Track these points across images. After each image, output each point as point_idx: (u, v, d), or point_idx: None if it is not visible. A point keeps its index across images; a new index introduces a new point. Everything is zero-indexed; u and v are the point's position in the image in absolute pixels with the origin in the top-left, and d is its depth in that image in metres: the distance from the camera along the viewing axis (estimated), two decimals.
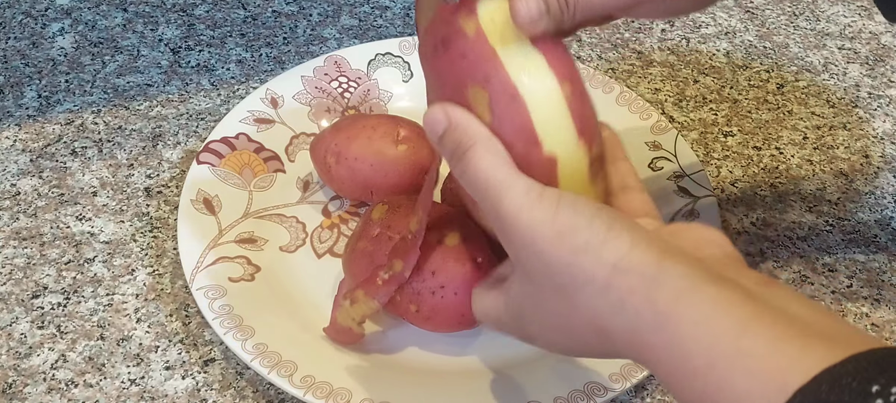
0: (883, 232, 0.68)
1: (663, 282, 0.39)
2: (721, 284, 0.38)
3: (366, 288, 0.55)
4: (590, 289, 0.40)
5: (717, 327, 0.37)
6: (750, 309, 0.37)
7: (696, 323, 0.37)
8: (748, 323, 0.36)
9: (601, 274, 0.40)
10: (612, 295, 0.40)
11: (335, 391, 0.54)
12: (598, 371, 0.56)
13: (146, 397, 0.56)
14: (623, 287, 0.39)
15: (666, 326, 0.38)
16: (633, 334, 0.39)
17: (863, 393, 0.32)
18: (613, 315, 0.40)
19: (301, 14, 0.83)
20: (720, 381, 0.36)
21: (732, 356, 0.36)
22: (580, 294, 0.41)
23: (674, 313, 0.38)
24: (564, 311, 0.42)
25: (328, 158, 0.64)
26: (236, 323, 0.57)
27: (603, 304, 0.40)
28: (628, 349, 0.40)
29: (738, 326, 0.36)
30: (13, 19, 0.81)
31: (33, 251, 0.64)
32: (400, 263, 0.54)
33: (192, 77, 0.77)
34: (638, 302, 0.39)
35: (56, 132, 0.72)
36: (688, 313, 0.37)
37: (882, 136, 0.75)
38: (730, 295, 0.37)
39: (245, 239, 0.63)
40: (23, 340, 0.59)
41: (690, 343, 0.37)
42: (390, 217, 0.58)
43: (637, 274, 0.39)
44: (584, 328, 0.42)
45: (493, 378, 0.57)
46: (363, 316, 0.56)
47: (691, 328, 0.37)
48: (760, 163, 0.72)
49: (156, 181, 0.69)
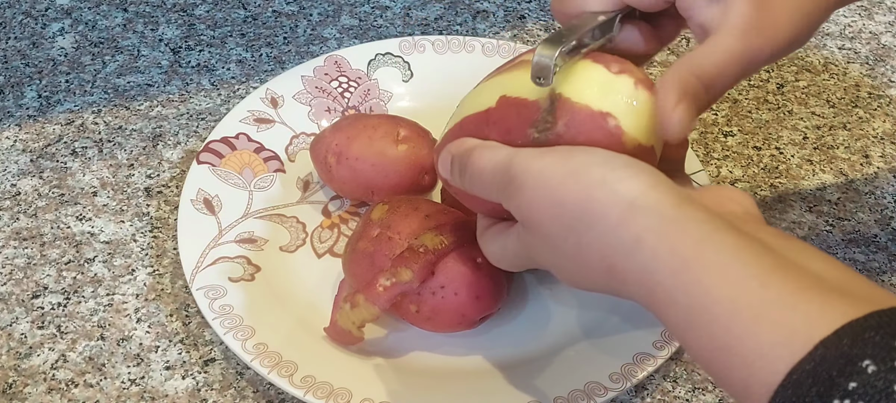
0: (883, 232, 0.68)
1: (684, 225, 0.38)
2: (741, 235, 0.37)
3: (366, 293, 0.55)
4: (602, 226, 0.39)
5: (741, 275, 0.36)
6: (771, 261, 0.36)
7: (719, 268, 0.36)
8: (771, 274, 0.36)
9: (616, 211, 0.39)
10: (626, 232, 0.39)
11: (335, 391, 0.54)
12: (598, 371, 0.56)
13: (146, 397, 0.56)
14: (639, 225, 0.38)
15: (686, 270, 0.37)
16: (647, 275, 0.38)
17: (885, 347, 0.32)
18: (627, 254, 0.39)
19: (301, 14, 0.83)
20: (744, 330, 0.35)
21: (756, 305, 0.35)
22: (591, 231, 0.40)
23: (695, 257, 0.37)
24: (575, 252, 0.41)
25: (328, 158, 0.64)
26: (236, 323, 0.57)
27: (616, 242, 0.39)
28: (640, 289, 0.39)
29: (761, 276, 0.36)
30: (13, 19, 0.81)
31: (33, 251, 0.64)
32: (408, 273, 0.54)
33: (192, 77, 0.77)
34: (655, 243, 0.38)
35: (56, 132, 0.72)
36: (711, 258, 0.37)
37: (882, 136, 0.75)
38: (750, 245, 0.37)
39: (245, 239, 0.63)
40: (23, 340, 0.59)
41: (713, 290, 0.36)
42: (390, 217, 0.58)
43: (656, 214, 0.38)
44: (595, 266, 0.41)
45: (493, 379, 0.57)
46: (363, 320, 0.56)
47: (714, 274, 0.36)
48: (760, 163, 0.72)
49: (156, 181, 0.69)
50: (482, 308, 0.57)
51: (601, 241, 0.40)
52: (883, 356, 0.32)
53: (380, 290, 0.55)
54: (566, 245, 0.42)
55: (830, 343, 0.33)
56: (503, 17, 0.84)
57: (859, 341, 0.33)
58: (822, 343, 0.33)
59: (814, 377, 0.33)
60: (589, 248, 0.40)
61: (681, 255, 0.37)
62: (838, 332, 0.33)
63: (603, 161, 0.41)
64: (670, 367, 0.59)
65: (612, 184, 0.40)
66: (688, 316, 0.37)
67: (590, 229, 0.40)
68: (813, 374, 0.33)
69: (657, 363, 0.56)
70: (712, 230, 0.38)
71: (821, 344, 0.33)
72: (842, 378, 0.32)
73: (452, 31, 0.82)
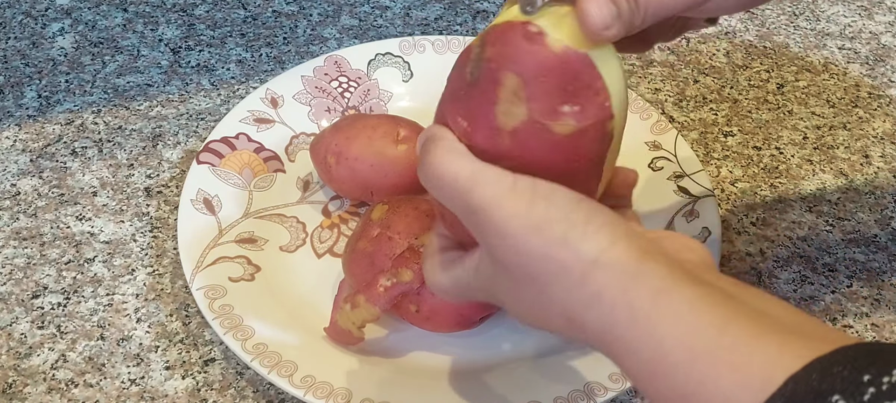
0: (883, 232, 0.68)
1: (642, 280, 0.38)
2: (699, 285, 0.38)
3: (367, 293, 0.55)
4: (565, 281, 0.40)
5: (698, 324, 0.36)
6: (730, 308, 0.37)
7: (675, 320, 0.37)
8: (729, 320, 0.36)
9: (577, 269, 0.39)
10: (587, 288, 0.39)
11: (335, 391, 0.54)
12: (598, 371, 0.56)
13: (146, 397, 0.56)
14: (600, 281, 0.39)
15: (642, 322, 0.37)
16: (605, 328, 0.39)
17: (854, 382, 0.32)
18: (586, 308, 0.39)
19: (301, 14, 0.83)
20: (704, 375, 0.35)
21: (714, 350, 0.35)
22: (554, 285, 0.40)
23: (652, 311, 0.37)
24: (535, 299, 0.42)
25: (328, 158, 0.64)
26: (236, 322, 0.57)
27: (576, 296, 0.39)
28: (599, 341, 0.40)
29: (719, 322, 0.36)
30: (13, 19, 0.81)
31: (33, 251, 0.64)
32: (409, 273, 0.54)
33: (192, 77, 0.77)
34: (614, 298, 0.38)
35: (56, 132, 0.72)
36: (667, 310, 0.37)
37: (882, 136, 0.75)
38: (709, 294, 0.37)
39: (245, 239, 0.63)
40: (23, 340, 0.59)
41: (669, 340, 0.37)
42: (390, 217, 0.58)
43: (616, 271, 0.39)
44: (555, 315, 0.41)
45: (493, 379, 0.57)
46: (363, 321, 0.56)
47: (670, 325, 0.37)
48: (760, 163, 0.72)
49: (156, 181, 0.69)
50: (482, 307, 0.57)
51: (562, 295, 0.40)
52: (852, 391, 0.32)
53: (380, 291, 0.55)
54: (528, 291, 0.42)
55: (800, 378, 0.33)
56: None
57: (828, 376, 0.33)
58: (792, 378, 0.33)
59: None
60: (550, 300, 0.41)
61: (638, 308, 0.38)
62: (807, 368, 0.33)
63: (564, 216, 0.40)
64: None
65: (575, 243, 0.40)
66: (648, 366, 0.37)
67: (551, 284, 0.40)
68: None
69: None
70: (671, 282, 0.38)
71: (791, 380, 0.33)
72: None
73: (452, 31, 0.82)
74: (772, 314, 0.37)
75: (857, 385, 0.32)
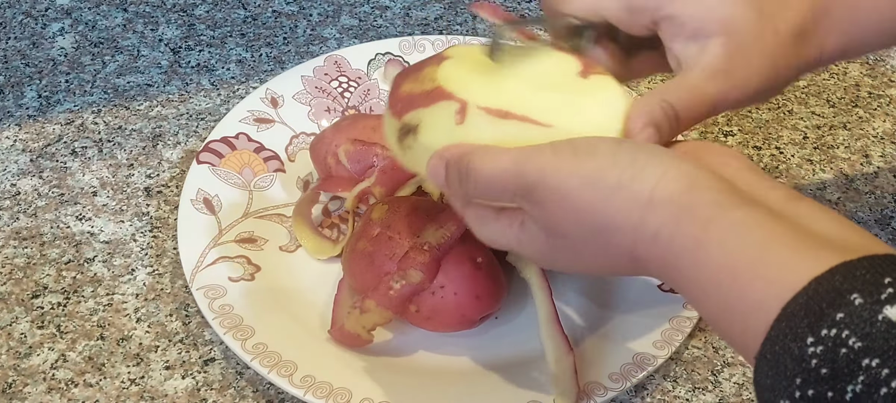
0: (883, 232, 0.68)
1: (693, 212, 0.41)
2: (747, 207, 0.40)
3: (378, 298, 0.55)
4: (626, 227, 0.42)
5: (742, 244, 0.39)
6: (773, 228, 0.39)
7: (721, 244, 0.39)
8: (771, 240, 0.39)
9: (636, 211, 0.42)
10: (646, 228, 0.41)
11: (335, 391, 0.54)
12: (598, 371, 0.56)
13: (146, 397, 0.56)
14: (657, 220, 0.41)
15: (696, 251, 0.40)
16: (664, 260, 0.41)
17: (873, 283, 0.34)
18: (647, 246, 0.42)
19: (301, 14, 0.83)
20: (742, 288, 0.38)
21: (753, 267, 0.38)
22: (617, 234, 0.42)
23: (703, 239, 0.40)
24: (600, 251, 0.44)
25: (328, 159, 0.64)
26: (236, 322, 0.57)
27: (638, 238, 0.42)
28: (661, 272, 0.43)
29: (761, 242, 0.39)
30: (13, 19, 0.81)
31: (33, 251, 0.64)
32: (418, 274, 0.54)
33: (192, 77, 0.77)
34: (671, 233, 0.41)
35: (56, 132, 0.72)
36: (715, 237, 0.40)
37: (882, 136, 0.75)
38: (755, 216, 0.40)
39: (245, 238, 0.63)
40: (23, 340, 0.59)
41: (716, 262, 0.39)
42: (390, 217, 0.58)
43: (669, 206, 0.41)
44: (620, 261, 0.44)
45: (493, 379, 0.57)
46: (374, 324, 0.56)
47: (717, 251, 0.39)
48: (761, 162, 0.72)
49: (156, 181, 0.69)
50: (482, 307, 0.57)
51: (626, 240, 0.42)
52: (870, 290, 0.34)
53: (392, 294, 0.55)
54: (593, 246, 0.44)
55: (823, 279, 0.35)
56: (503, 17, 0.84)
57: (849, 277, 0.35)
58: (815, 279, 0.35)
59: (806, 309, 0.35)
60: (617, 247, 0.43)
61: (691, 237, 0.40)
62: (831, 270, 0.35)
63: (612, 162, 0.42)
64: (670, 367, 0.59)
65: (628, 186, 0.42)
66: (701, 289, 0.40)
67: (615, 232, 0.43)
68: (805, 306, 0.35)
69: (657, 363, 0.56)
70: (719, 210, 0.40)
71: (814, 281, 0.35)
72: (831, 308, 0.34)
73: (452, 31, 0.82)
74: (818, 229, 0.39)
75: (876, 285, 0.34)
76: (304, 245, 0.63)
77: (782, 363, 0.35)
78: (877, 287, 0.34)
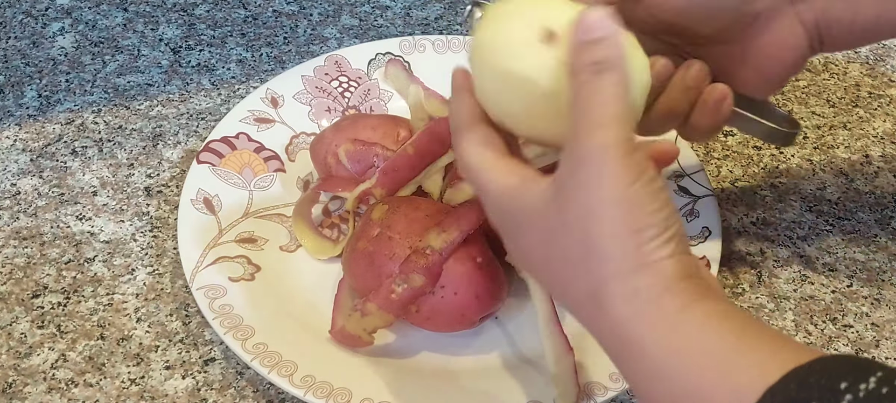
0: (883, 231, 0.68)
1: (676, 293, 0.40)
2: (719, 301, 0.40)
3: (379, 301, 0.55)
4: (615, 266, 0.40)
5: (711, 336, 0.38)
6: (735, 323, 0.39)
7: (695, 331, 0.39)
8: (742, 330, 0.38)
9: (636, 262, 0.40)
10: (631, 283, 0.40)
11: (335, 391, 0.54)
12: (598, 371, 0.56)
13: (146, 397, 0.56)
14: (646, 282, 0.40)
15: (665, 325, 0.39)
16: (629, 322, 0.40)
17: (831, 390, 0.33)
18: (619, 299, 0.40)
19: (301, 14, 0.83)
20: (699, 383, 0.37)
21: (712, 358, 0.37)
22: (604, 263, 0.41)
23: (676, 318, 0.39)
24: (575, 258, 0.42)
25: (328, 159, 0.64)
26: (236, 322, 0.57)
27: (617, 284, 0.40)
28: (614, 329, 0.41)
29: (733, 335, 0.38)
30: (13, 19, 0.81)
31: (33, 250, 0.64)
32: (420, 278, 0.54)
33: (192, 77, 0.77)
34: (649, 298, 0.40)
35: (56, 132, 0.72)
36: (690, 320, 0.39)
37: (882, 136, 0.75)
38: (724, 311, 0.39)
39: (245, 238, 0.63)
40: (23, 340, 0.59)
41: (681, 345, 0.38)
42: (390, 217, 0.58)
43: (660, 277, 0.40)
44: (580, 285, 0.42)
45: (492, 379, 0.57)
46: (376, 327, 0.56)
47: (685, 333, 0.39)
48: (761, 162, 0.72)
49: (156, 181, 0.69)
50: (482, 307, 0.57)
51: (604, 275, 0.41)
52: (829, 398, 0.33)
53: (393, 298, 0.55)
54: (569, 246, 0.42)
55: (778, 390, 0.34)
56: None
57: (805, 387, 0.34)
58: (769, 390, 0.34)
59: None
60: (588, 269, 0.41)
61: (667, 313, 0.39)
62: (785, 379, 0.34)
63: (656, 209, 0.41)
64: None
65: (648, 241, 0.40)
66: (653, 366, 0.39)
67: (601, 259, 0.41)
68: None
69: None
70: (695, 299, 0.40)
71: (768, 392, 0.34)
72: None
73: (452, 30, 0.82)
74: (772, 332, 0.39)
75: (834, 392, 0.33)
76: (304, 245, 0.63)
77: None
78: (834, 395, 0.33)
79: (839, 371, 0.34)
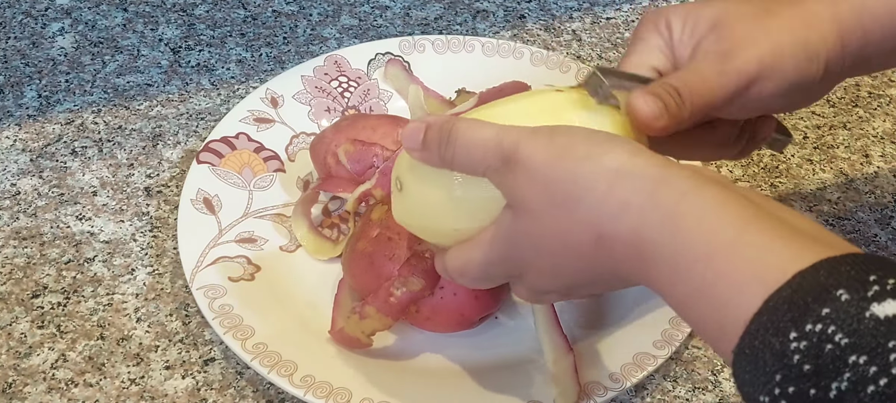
0: (883, 231, 0.68)
1: (669, 183, 0.40)
2: (724, 188, 0.39)
3: (378, 304, 0.55)
4: (591, 197, 0.41)
5: (720, 221, 0.38)
6: (751, 211, 0.38)
7: (700, 217, 0.38)
8: (750, 220, 0.38)
9: (603, 180, 0.41)
10: (614, 198, 0.40)
11: (335, 391, 0.54)
12: (597, 371, 0.56)
13: (146, 396, 0.56)
14: (627, 188, 0.40)
15: (670, 221, 0.39)
16: (635, 233, 0.40)
17: (859, 279, 0.34)
18: (615, 219, 0.40)
19: (301, 14, 0.83)
20: (719, 269, 0.37)
21: (733, 247, 0.37)
22: (581, 204, 0.41)
23: (679, 209, 0.39)
24: (563, 228, 0.42)
25: (328, 159, 0.64)
26: (236, 322, 0.57)
27: (605, 210, 0.41)
28: (628, 250, 0.41)
29: (740, 222, 0.38)
30: (13, 19, 0.81)
31: (33, 250, 0.64)
32: (419, 281, 0.54)
33: (192, 77, 0.77)
34: (642, 201, 0.40)
35: (56, 132, 0.72)
36: (692, 209, 0.39)
37: (882, 136, 0.75)
38: (732, 197, 0.39)
39: (245, 238, 0.63)
40: (23, 340, 0.59)
41: (694, 235, 0.38)
42: (389, 217, 0.58)
43: (641, 177, 0.40)
44: (582, 241, 0.42)
45: (493, 379, 0.57)
46: (374, 330, 0.56)
47: (695, 222, 0.38)
48: (760, 162, 0.72)
49: (156, 181, 0.69)
50: (481, 308, 0.57)
51: (590, 213, 0.41)
52: (856, 286, 0.33)
53: (393, 302, 0.55)
54: (555, 224, 0.43)
55: (808, 274, 0.35)
56: (503, 16, 0.84)
57: (835, 273, 0.34)
58: (799, 273, 0.35)
59: (790, 303, 0.34)
60: (579, 224, 0.42)
61: (667, 208, 0.39)
62: (816, 265, 0.35)
63: (585, 138, 0.43)
64: (670, 367, 0.59)
65: (597, 158, 0.41)
66: (671, 267, 0.39)
67: (579, 203, 0.41)
68: (789, 300, 0.34)
69: (657, 363, 0.56)
70: (696, 184, 0.39)
71: (798, 275, 0.35)
72: (816, 303, 0.34)
73: (452, 30, 0.82)
74: (792, 222, 0.38)
75: (862, 282, 0.34)
76: (304, 245, 0.63)
77: (762, 358, 0.34)
78: (863, 283, 0.34)
79: (870, 266, 0.34)
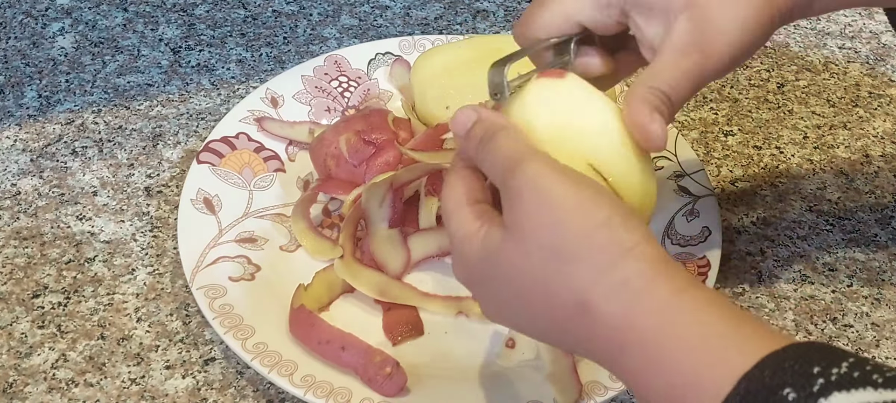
0: (883, 231, 0.68)
1: (669, 277, 0.40)
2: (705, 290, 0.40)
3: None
4: (595, 263, 0.40)
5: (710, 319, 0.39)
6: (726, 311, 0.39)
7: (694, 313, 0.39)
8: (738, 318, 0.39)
9: (613, 252, 0.40)
10: (616, 274, 0.40)
11: (335, 391, 0.54)
12: (598, 371, 0.56)
13: (146, 396, 0.56)
14: (631, 269, 0.40)
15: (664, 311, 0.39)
16: (625, 316, 0.40)
17: (804, 375, 0.34)
18: (608, 297, 0.40)
19: (301, 14, 0.83)
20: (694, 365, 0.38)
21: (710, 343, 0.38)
22: (581, 265, 0.41)
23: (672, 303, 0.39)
24: (543, 279, 0.42)
25: (328, 160, 0.64)
26: (236, 322, 0.57)
27: (603, 281, 0.40)
28: (609, 329, 0.40)
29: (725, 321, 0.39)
30: (13, 19, 0.81)
31: (34, 250, 0.64)
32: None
33: (192, 77, 0.77)
34: (641, 287, 0.40)
35: (56, 132, 0.72)
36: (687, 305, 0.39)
37: (882, 136, 0.75)
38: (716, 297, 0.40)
39: (245, 238, 0.63)
40: (23, 340, 0.59)
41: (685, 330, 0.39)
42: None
43: (647, 263, 0.40)
44: (566, 301, 0.41)
45: (493, 379, 0.57)
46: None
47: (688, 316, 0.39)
48: (761, 162, 0.72)
49: (156, 181, 0.69)
50: None
51: (587, 278, 0.41)
52: (802, 383, 0.34)
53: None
54: (541, 269, 0.42)
55: (753, 376, 0.35)
56: (503, 16, 0.84)
57: (779, 371, 0.35)
58: (744, 376, 0.35)
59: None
60: (567, 279, 0.41)
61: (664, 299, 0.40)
62: (759, 365, 0.35)
63: (610, 202, 0.42)
64: None
65: (616, 229, 0.41)
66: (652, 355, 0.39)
67: (578, 262, 0.41)
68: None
69: None
70: (688, 283, 0.40)
71: (744, 378, 0.35)
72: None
73: (452, 30, 0.82)
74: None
75: (807, 377, 0.34)
76: (304, 245, 0.63)
77: None
78: (807, 379, 0.34)
79: (812, 357, 0.35)
